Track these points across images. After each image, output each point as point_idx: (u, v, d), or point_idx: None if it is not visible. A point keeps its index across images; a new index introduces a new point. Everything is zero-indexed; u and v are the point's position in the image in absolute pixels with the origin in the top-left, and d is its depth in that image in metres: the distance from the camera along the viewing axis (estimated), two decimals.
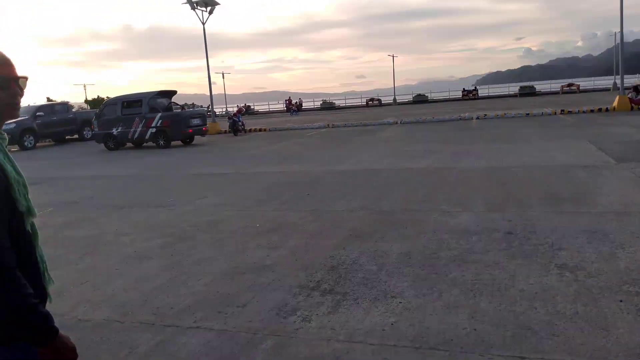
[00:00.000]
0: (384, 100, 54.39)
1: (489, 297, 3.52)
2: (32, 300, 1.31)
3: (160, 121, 18.46)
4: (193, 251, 5.19)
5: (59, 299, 4.13)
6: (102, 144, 19.57)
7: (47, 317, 1.36)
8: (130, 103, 19.41)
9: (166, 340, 3.26)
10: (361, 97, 59.02)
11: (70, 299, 4.10)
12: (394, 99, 53.67)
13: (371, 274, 4.14)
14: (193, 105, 54.91)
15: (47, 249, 1.64)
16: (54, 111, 23.94)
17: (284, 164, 11.89)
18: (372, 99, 53.96)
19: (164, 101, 19.54)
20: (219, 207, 7.28)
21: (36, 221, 1.48)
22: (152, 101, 19.04)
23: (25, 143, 21.62)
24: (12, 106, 1.42)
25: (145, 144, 19.40)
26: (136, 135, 18.99)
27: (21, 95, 1.43)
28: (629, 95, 20.22)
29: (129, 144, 19.63)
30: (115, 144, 19.30)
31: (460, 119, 22.04)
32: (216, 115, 34.15)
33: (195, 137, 19.87)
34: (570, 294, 3.47)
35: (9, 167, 1.38)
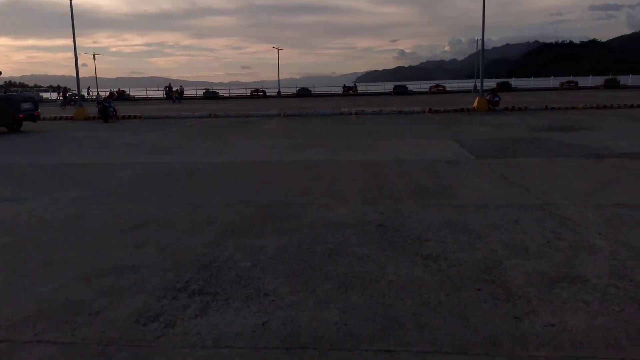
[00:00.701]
0: (269, 92, 54.20)
1: (360, 291, 3.53)
2: None
3: None
4: (42, 252, 4.55)
5: None
6: None
7: None
8: None
9: None
10: (246, 88, 58.10)
11: None
12: (279, 92, 53.76)
13: (245, 271, 3.96)
14: (58, 87, 49.68)
15: None
16: None
17: (158, 154, 11.17)
18: (256, 91, 53.44)
19: None
20: (79, 201, 6.54)
21: None
22: None
23: None
24: None
25: None
26: None
27: None
28: (487, 97, 22.45)
29: None
30: None
31: (341, 113, 22.69)
32: (84, 100, 31.20)
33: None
34: (434, 284, 3.62)
35: None
